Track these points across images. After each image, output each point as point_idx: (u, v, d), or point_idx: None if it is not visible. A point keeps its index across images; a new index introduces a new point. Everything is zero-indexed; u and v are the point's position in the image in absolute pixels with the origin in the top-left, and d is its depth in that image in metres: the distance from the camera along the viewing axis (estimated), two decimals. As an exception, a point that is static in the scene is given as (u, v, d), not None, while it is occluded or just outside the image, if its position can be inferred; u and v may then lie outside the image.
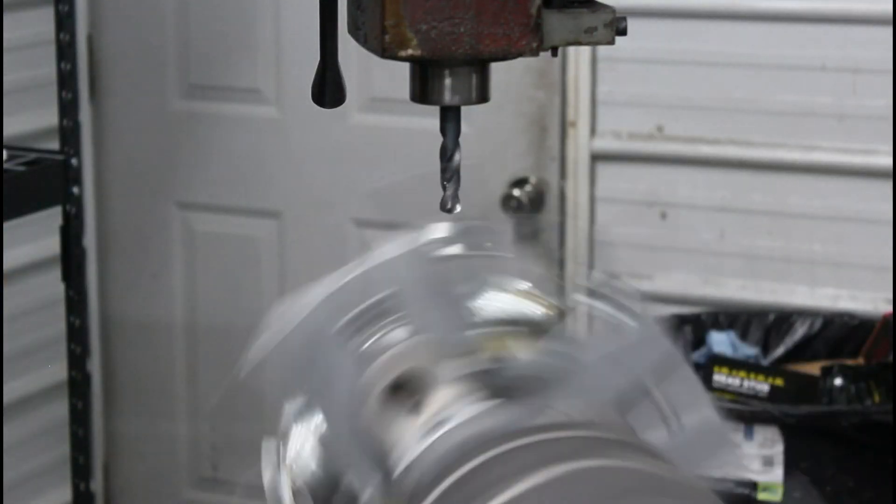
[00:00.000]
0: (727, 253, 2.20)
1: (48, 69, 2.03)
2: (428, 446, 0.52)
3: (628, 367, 0.54)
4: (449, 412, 0.53)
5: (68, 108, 1.97)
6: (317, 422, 0.56)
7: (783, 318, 2.11)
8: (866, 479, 1.87)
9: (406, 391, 0.54)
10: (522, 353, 0.55)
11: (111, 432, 2.54)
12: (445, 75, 0.75)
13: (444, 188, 0.76)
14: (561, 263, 2.22)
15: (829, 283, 2.13)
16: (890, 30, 2.03)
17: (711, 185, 2.20)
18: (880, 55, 2.03)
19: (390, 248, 0.56)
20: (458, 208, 0.75)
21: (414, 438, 0.53)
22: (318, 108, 0.81)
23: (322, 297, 0.56)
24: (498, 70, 0.77)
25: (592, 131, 2.20)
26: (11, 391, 2.20)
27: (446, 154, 0.76)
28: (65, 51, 1.96)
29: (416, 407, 0.54)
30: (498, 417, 0.52)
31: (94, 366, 2.35)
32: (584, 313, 0.59)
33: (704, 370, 1.95)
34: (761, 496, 1.92)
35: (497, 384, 0.54)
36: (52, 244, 2.04)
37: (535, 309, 0.59)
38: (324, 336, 0.54)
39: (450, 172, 0.76)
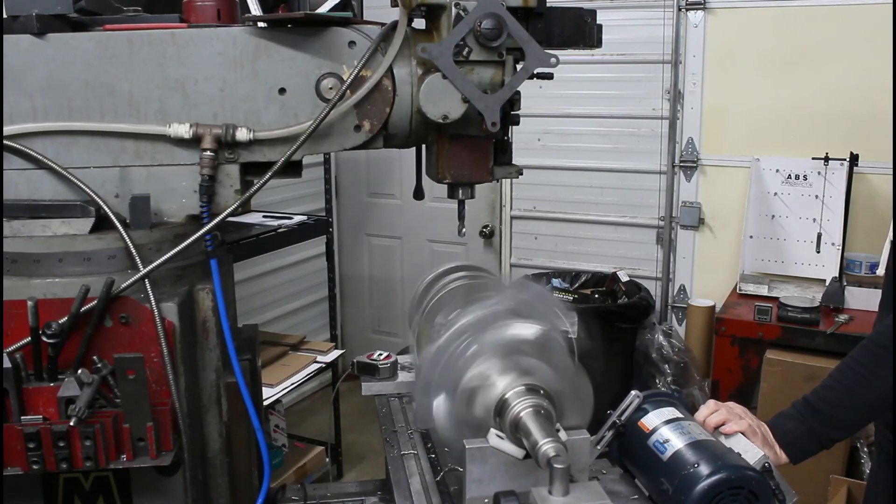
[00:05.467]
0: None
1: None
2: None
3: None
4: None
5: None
6: None
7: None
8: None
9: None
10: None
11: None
12: (460, 187, 1.59)
13: (459, 227, 1.70)
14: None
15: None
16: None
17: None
18: None
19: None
20: (465, 234, 1.71)
21: None
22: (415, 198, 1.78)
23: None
24: (479, 186, 1.65)
25: (511, 207, 5.03)
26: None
27: (461, 214, 1.67)
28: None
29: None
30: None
31: None
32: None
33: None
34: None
35: None
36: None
37: None
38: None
39: (461, 221, 1.68)
